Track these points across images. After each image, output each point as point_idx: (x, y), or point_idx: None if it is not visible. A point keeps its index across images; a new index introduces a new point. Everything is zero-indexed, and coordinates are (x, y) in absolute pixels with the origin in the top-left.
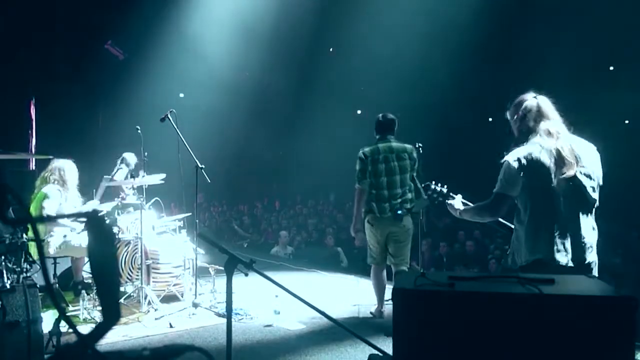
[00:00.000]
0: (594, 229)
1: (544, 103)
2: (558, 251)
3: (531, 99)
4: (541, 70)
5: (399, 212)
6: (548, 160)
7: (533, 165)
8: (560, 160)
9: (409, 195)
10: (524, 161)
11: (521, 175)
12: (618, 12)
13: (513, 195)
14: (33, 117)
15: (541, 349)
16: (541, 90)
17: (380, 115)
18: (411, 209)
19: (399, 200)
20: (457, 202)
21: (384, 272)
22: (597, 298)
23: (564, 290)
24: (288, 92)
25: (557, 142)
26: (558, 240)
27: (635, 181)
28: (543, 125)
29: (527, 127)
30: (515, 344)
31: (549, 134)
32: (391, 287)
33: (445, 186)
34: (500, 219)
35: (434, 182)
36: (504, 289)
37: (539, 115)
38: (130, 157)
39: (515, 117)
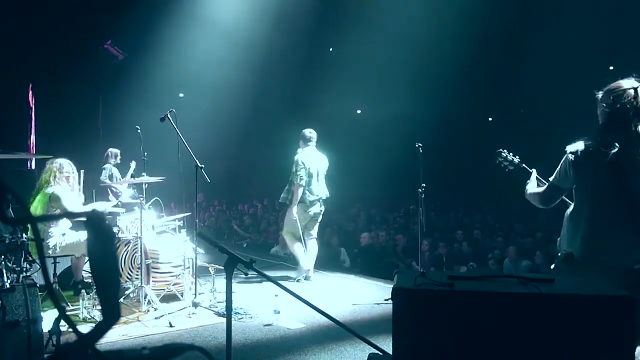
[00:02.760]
0: None
1: None
2: (593, 252)
3: (630, 90)
4: (541, 70)
5: (322, 202)
6: (603, 160)
7: (586, 162)
8: (616, 162)
9: (326, 190)
10: (579, 156)
11: (573, 170)
12: (618, 12)
13: (566, 188)
14: (33, 116)
15: (541, 349)
16: (541, 90)
17: (307, 130)
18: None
19: (322, 194)
20: (533, 179)
21: (297, 242)
22: (597, 298)
23: (564, 290)
24: (288, 91)
25: (625, 143)
26: (595, 241)
27: None
28: (625, 121)
29: (609, 118)
30: (515, 344)
31: (624, 132)
32: (391, 286)
33: (517, 157)
34: (565, 198)
35: (505, 151)
36: (504, 289)
37: (630, 109)
38: (113, 152)
39: (604, 104)
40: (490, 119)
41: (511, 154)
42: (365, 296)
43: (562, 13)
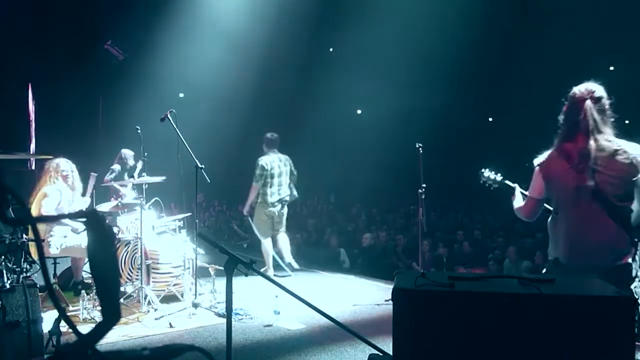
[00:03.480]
0: (622, 233)
1: (593, 111)
2: (575, 254)
3: (581, 97)
4: (541, 70)
5: (284, 202)
6: (567, 167)
7: (552, 171)
8: (578, 168)
9: (289, 191)
10: (545, 167)
11: (543, 180)
12: (618, 12)
13: (542, 199)
14: (33, 117)
15: (541, 349)
16: (541, 90)
17: (269, 134)
18: (289, 200)
19: (283, 195)
20: (517, 194)
21: (270, 242)
22: (597, 298)
23: (564, 290)
24: (288, 91)
25: (584, 146)
26: (575, 244)
27: None
28: (581, 127)
29: (565, 125)
30: (515, 344)
31: (581, 137)
32: (391, 286)
33: (499, 174)
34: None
35: (487, 170)
36: (504, 289)
37: (582, 116)
38: (128, 154)
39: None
40: (490, 119)
41: (493, 172)
42: (365, 296)
43: (562, 13)
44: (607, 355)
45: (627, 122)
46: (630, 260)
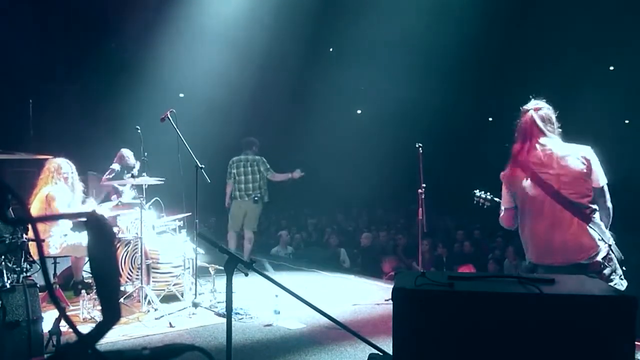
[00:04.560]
0: (586, 231)
1: (536, 117)
2: (540, 254)
3: (526, 112)
4: (541, 70)
5: (255, 198)
6: (523, 174)
7: (513, 181)
8: (532, 176)
9: (258, 189)
10: (507, 178)
11: (507, 190)
12: (618, 12)
13: (512, 207)
14: (32, 116)
15: (541, 349)
16: (541, 91)
17: (246, 138)
18: (261, 198)
19: (251, 192)
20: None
21: (233, 235)
22: (597, 298)
23: (564, 290)
24: (288, 91)
25: (533, 154)
26: (540, 244)
27: (635, 181)
28: (527, 135)
29: (517, 137)
30: (515, 344)
31: (527, 145)
32: (391, 286)
33: (489, 193)
34: None
35: (477, 190)
36: (504, 288)
37: (529, 129)
38: (128, 153)
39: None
40: (490, 119)
41: (483, 192)
42: (365, 296)
43: (562, 13)
44: (607, 355)
45: (627, 122)
46: (599, 258)
